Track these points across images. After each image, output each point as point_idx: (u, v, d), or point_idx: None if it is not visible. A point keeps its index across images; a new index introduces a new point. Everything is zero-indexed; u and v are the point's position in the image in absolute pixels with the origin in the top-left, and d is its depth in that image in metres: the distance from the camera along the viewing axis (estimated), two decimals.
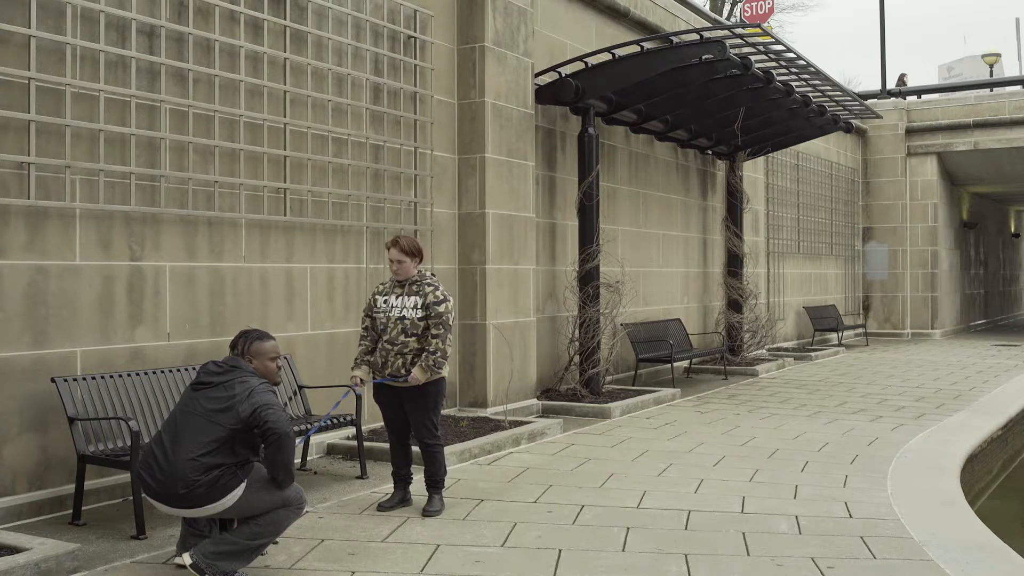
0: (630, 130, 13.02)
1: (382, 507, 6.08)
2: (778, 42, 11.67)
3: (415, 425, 6.03)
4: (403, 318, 5.91)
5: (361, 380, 6.07)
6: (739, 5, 31.41)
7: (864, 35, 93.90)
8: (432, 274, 6.13)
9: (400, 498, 6.16)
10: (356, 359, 6.11)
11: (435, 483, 6.08)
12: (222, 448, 4.44)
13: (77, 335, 6.11)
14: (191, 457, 4.39)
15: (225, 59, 7.16)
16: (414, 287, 5.98)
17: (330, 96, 8.03)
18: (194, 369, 6.66)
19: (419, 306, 5.90)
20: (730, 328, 14.99)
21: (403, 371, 5.90)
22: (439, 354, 5.86)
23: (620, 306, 11.41)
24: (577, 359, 10.93)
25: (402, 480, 6.21)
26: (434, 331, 5.86)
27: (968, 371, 15.03)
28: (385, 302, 6.01)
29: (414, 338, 5.90)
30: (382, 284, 6.17)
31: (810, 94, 13.68)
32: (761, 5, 23.76)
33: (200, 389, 4.62)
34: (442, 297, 5.92)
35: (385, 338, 5.94)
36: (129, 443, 5.68)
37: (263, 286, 7.46)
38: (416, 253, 6.02)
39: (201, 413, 4.51)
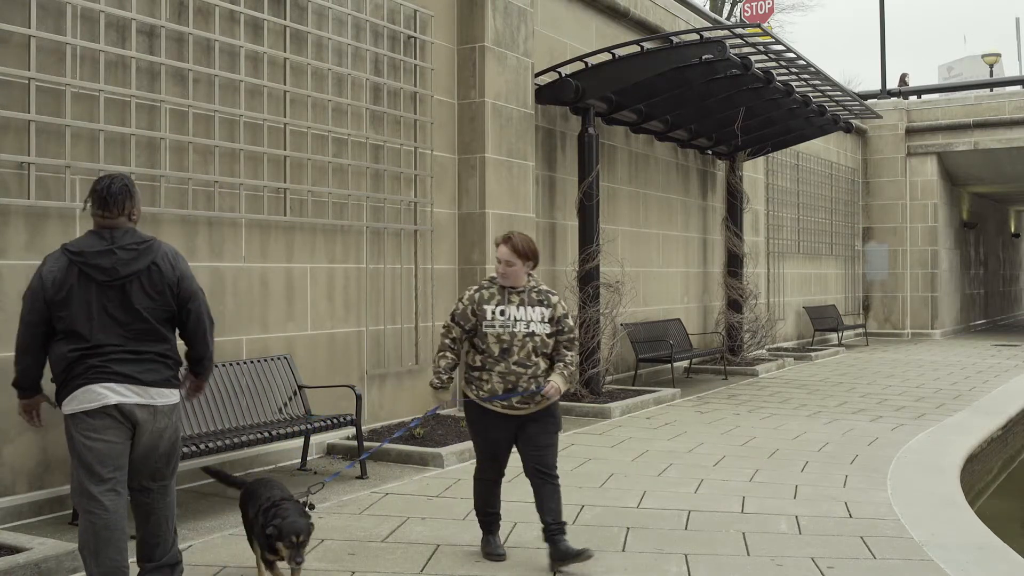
0: (630, 130, 13.02)
1: (496, 556, 5.09)
2: (778, 42, 11.66)
3: (539, 453, 4.97)
4: (533, 334, 4.87)
5: (443, 402, 5.15)
6: (739, 5, 31.40)
7: (864, 35, 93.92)
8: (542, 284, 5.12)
9: (500, 541, 5.20)
10: (440, 376, 5.07)
11: (563, 523, 4.97)
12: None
13: None
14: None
15: (225, 59, 7.16)
16: (534, 295, 4.95)
17: (330, 96, 8.03)
18: None
19: (546, 319, 4.93)
20: (730, 328, 14.99)
21: (537, 396, 4.93)
22: (575, 366, 5.08)
23: (620, 306, 11.41)
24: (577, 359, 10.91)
25: (497, 520, 5.22)
26: (567, 346, 5.01)
27: (968, 371, 15.03)
28: (502, 313, 4.88)
29: (543, 357, 4.94)
30: (479, 289, 5.01)
31: (810, 94, 13.68)
32: (761, 5, 23.76)
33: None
34: (567, 308, 5.06)
35: (513, 360, 4.85)
36: None
37: (263, 286, 7.46)
38: (530, 256, 4.96)
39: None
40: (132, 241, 4.07)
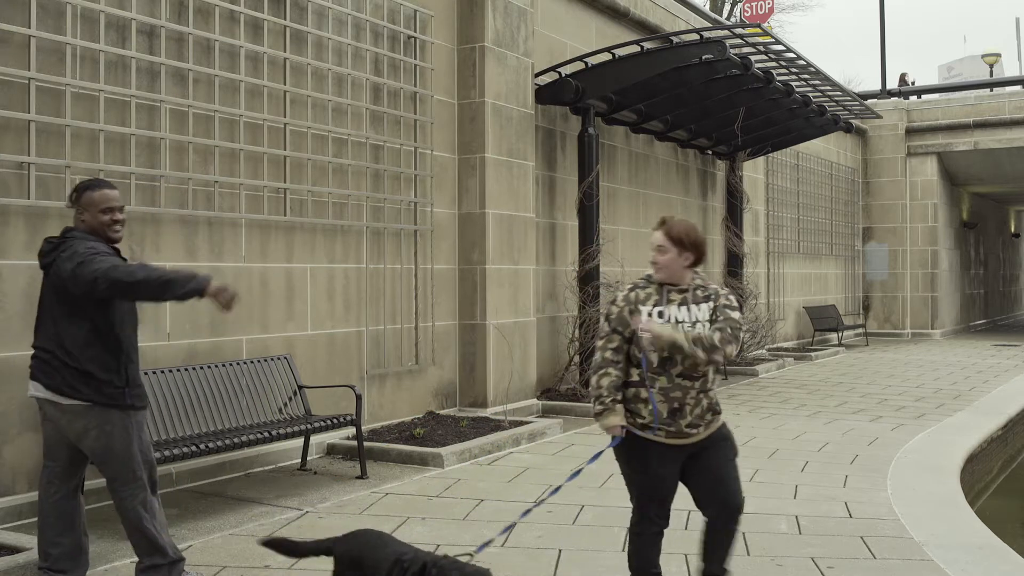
0: (630, 130, 13.02)
1: None
2: (778, 42, 11.67)
3: (725, 487, 4.02)
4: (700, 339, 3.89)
5: (622, 427, 4.02)
6: (739, 5, 31.41)
7: (864, 35, 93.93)
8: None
9: None
10: (603, 396, 4.02)
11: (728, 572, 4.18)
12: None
13: None
14: None
15: (225, 59, 7.16)
16: (699, 292, 4.03)
17: (330, 96, 8.03)
18: (195, 369, 6.67)
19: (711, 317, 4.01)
20: None
21: (708, 416, 4.01)
22: (712, 341, 3.86)
23: None
24: (577, 359, 10.92)
25: None
26: (719, 326, 3.93)
27: (968, 371, 15.03)
28: (660, 315, 3.97)
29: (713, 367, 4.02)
30: (634, 288, 4.11)
31: (810, 94, 13.68)
32: (761, 5, 23.76)
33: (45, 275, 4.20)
34: (737, 305, 4.09)
35: (675, 371, 3.92)
36: None
37: (263, 286, 7.46)
38: (688, 245, 4.02)
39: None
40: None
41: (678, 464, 4.04)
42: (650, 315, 3.95)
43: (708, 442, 4.03)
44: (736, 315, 3.99)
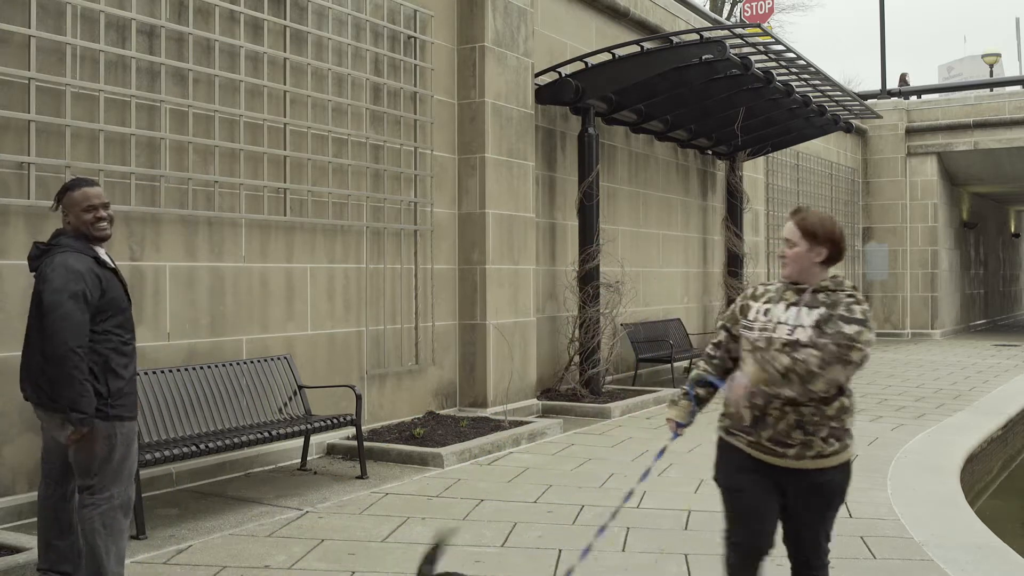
0: (630, 130, 13.02)
1: None
2: (778, 42, 11.67)
3: (802, 535, 3.51)
4: (796, 343, 3.34)
5: (678, 424, 3.77)
6: (739, 5, 31.40)
7: (864, 35, 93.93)
8: (853, 286, 3.52)
9: None
10: (682, 386, 3.78)
11: None
12: None
13: None
14: None
15: (225, 59, 7.16)
16: (822, 296, 3.43)
17: (330, 96, 8.03)
18: (195, 369, 6.67)
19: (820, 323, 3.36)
20: None
21: (798, 435, 3.38)
22: (787, 365, 3.30)
23: (620, 306, 11.41)
24: (577, 359, 10.92)
25: None
26: (819, 345, 3.29)
27: (968, 371, 15.03)
28: (766, 312, 3.49)
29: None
30: (764, 283, 3.69)
31: (810, 94, 13.68)
32: (761, 5, 23.77)
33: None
34: (861, 316, 3.33)
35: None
36: None
37: (263, 286, 7.46)
38: (822, 239, 3.48)
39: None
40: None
41: (768, 482, 3.45)
42: (758, 312, 3.51)
43: (804, 475, 3.40)
44: (852, 329, 3.27)
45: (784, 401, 3.35)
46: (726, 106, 12.69)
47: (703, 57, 10.77)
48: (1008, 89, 23.09)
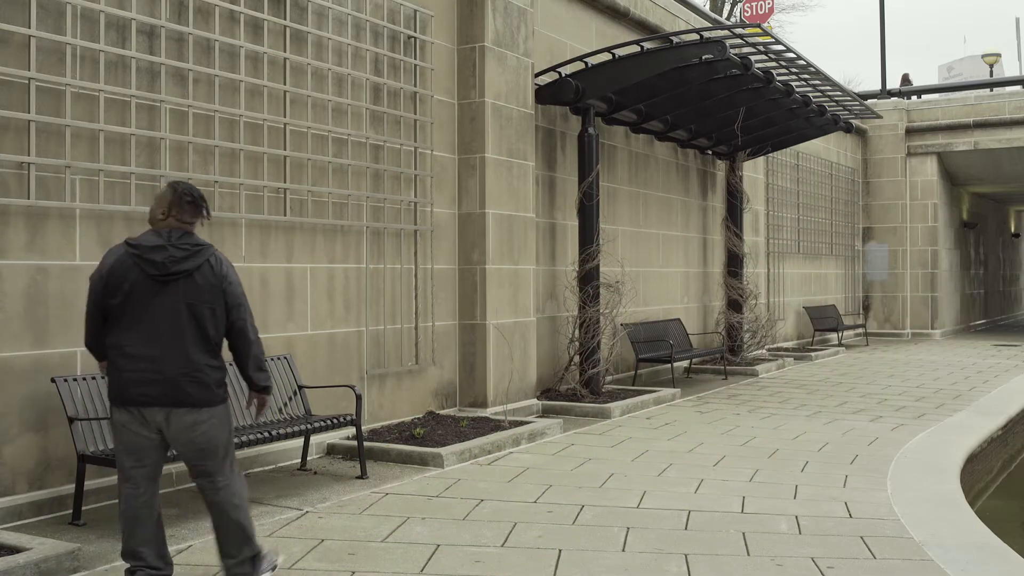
0: (630, 130, 13.03)
1: None
2: (778, 42, 11.66)
3: None
4: None
5: None
6: (739, 5, 31.41)
7: (864, 35, 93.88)
8: None
9: None
10: None
11: None
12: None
13: (77, 335, 6.10)
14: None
15: (225, 59, 7.16)
16: None
17: (330, 96, 8.03)
18: None
19: None
20: (730, 328, 14.99)
21: None
22: None
23: (620, 306, 11.41)
24: (577, 359, 10.93)
25: None
26: None
27: (968, 371, 15.03)
28: None
29: None
30: None
31: (810, 94, 13.68)
32: (761, 5, 23.77)
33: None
34: None
35: None
36: None
37: (263, 286, 7.47)
38: None
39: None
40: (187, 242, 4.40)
41: None
42: None
43: None
44: None
45: None
46: (726, 106, 12.69)
47: (703, 57, 10.77)
48: (1008, 89, 23.09)
